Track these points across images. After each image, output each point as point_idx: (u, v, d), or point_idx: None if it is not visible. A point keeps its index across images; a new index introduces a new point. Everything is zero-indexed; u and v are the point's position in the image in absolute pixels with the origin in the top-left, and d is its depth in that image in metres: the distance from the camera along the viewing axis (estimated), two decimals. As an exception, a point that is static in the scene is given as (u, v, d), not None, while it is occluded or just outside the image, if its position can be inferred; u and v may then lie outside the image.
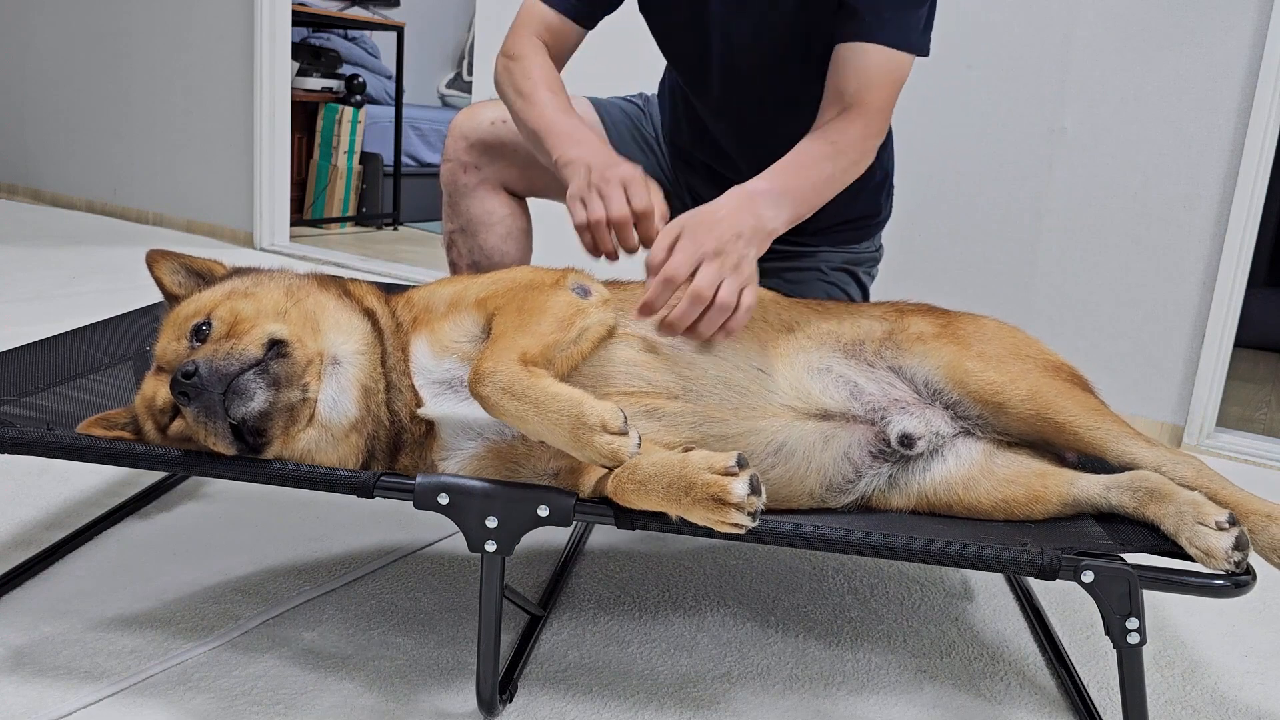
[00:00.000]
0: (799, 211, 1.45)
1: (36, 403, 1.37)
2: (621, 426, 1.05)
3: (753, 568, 1.65)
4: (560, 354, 1.18)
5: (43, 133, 5.14)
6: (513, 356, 1.11)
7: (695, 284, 1.27)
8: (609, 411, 1.05)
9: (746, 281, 1.31)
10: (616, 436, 1.04)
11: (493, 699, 1.17)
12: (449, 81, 6.80)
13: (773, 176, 1.44)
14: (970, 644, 1.47)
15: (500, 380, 1.08)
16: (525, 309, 1.19)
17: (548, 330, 1.17)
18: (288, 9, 4.32)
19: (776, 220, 1.40)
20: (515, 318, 1.18)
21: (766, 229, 1.38)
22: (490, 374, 1.09)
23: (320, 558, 1.56)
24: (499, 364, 1.10)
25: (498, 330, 1.18)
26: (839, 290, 1.87)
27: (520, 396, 1.07)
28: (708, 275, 1.27)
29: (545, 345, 1.15)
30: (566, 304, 1.22)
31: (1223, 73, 2.46)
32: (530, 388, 1.07)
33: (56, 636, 1.29)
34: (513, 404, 1.08)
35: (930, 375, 1.33)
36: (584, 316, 1.22)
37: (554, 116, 1.52)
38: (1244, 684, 1.43)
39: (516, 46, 1.64)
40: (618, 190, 1.36)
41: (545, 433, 1.08)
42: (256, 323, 1.16)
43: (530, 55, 1.61)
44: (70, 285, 3.36)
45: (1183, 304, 2.58)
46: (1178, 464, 1.26)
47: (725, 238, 1.31)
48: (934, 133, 2.77)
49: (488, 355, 1.12)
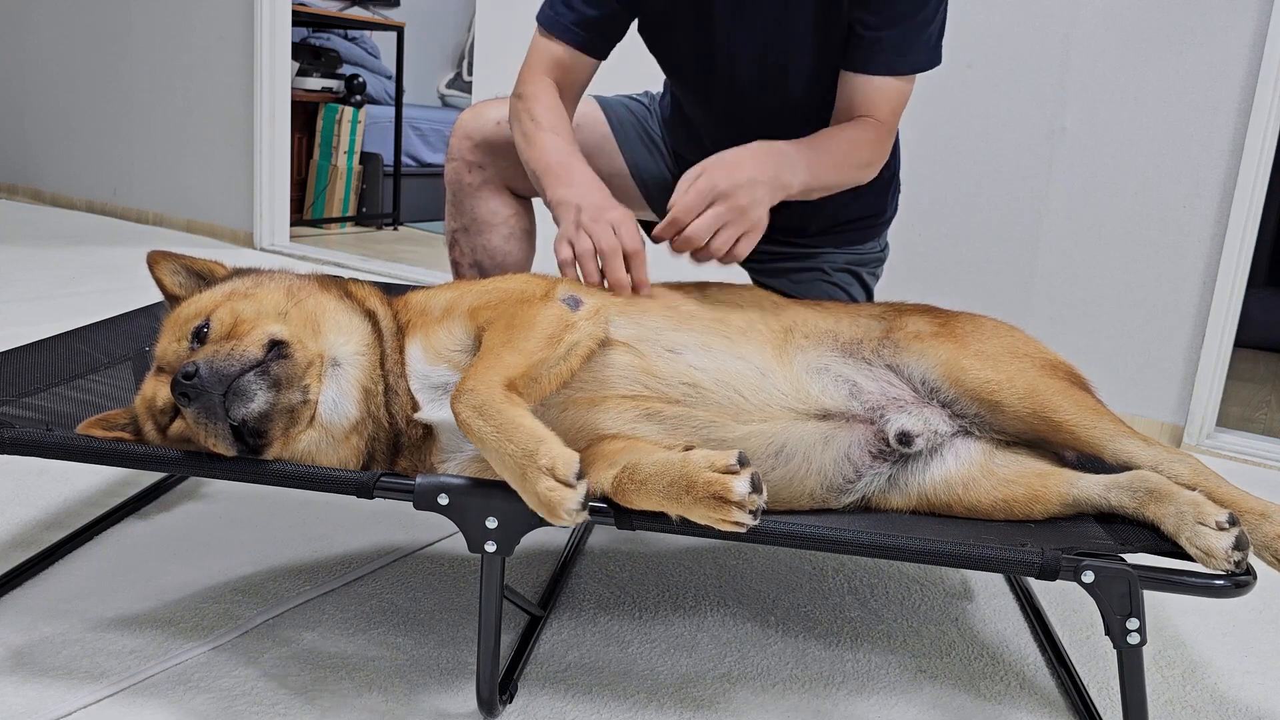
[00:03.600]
0: (813, 182, 1.50)
1: (36, 403, 1.37)
2: (568, 477, 1.00)
3: (753, 568, 1.65)
4: (548, 371, 1.16)
5: (43, 132, 5.14)
6: (495, 378, 1.10)
7: (691, 228, 1.36)
8: (563, 459, 1.01)
9: (750, 226, 1.38)
10: (561, 485, 1.00)
11: (493, 699, 1.17)
12: (449, 81, 6.81)
13: (797, 143, 1.50)
14: (970, 644, 1.47)
15: (475, 399, 1.07)
16: (514, 324, 1.18)
17: (535, 348, 1.15)
18: (288, 9, 4.32)
19: (794, 178, 1.46)
20: (504, 333, 1.17)
21: (784, 181, 1.44)
22: (469, 392, 1.08)
23: (320, 558, 1.56)
24: (479, 384, 1.09)
25: (486, 345, 1.17)
26: (842, 291, 1.86)
27: (488, 418, 1.06)
28: (708, 219, 1.36)
29: (531, 364, 1.13)
30: (555, 319, 1.20)
31: (1223, 73, 2.46)
32: (499, 411, 1.06)
33: (56, 636, 1.29)
34: (479, 423, 1.06)
35: (927, 373, 1.33)
36: (573, 331, 1.20)
37: (552, 157, 1.52)
38: (1244, 684, 1.43)
39: (525, 85, 1.64)
40: (606, 228, 1.37)
41: (496, 459, 1.06)
42: (257, 324, 1.16)
43: (538, 95, 1.61)
44: (70, 285, 3.36)
45: (1183, 304, 2.58)
46: (1174, 462, 1.26)
47: (740, 180, 1.37)
48: (934, 132, 2.77)
49: (471, 373, 1.11)
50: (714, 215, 1.36)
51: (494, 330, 1.19)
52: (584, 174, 1.49)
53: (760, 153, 1.43)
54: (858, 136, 1.57)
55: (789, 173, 1.44)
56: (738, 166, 1.39)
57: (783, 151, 1.45)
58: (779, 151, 1.45)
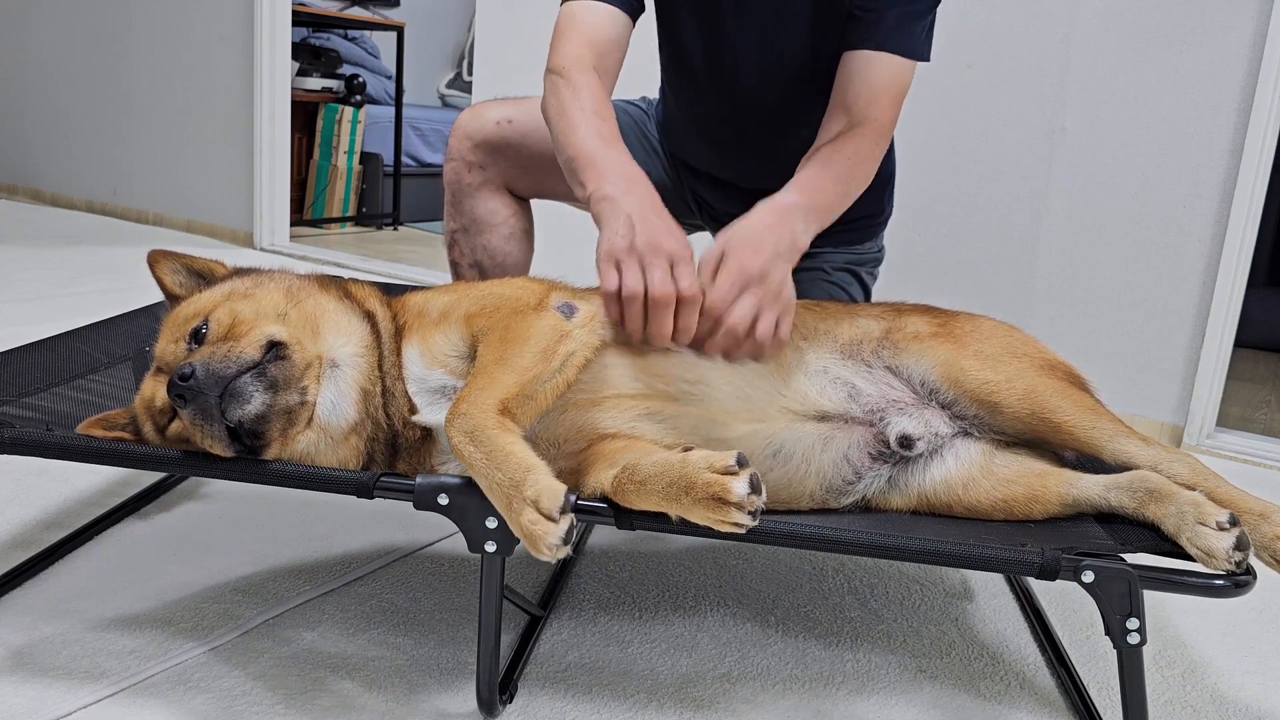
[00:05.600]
0: (823, 225, 1.46)
1: (36, 403, 1.37)
2: (552, 511, 0.99)
3: (753, 568, 1.65)
4: (542, 387, 1.15)
5: (43, 132, 5.14)
6: (488, 400, 1.09)
7: (731, 319, 1.25)
8: (548, 492, 1.00)
9: (787, 308, 1.30)
10: (544, 519, 0.99)
11: (493, 699, 1.17)
12: (449, 81, 6.81)
13: (800, 190, 1.42)
14: (970, 644, 1.47)
15: (467, 424, 1.07)
16: (507, 338, 1.17)
17: (529, 363, 1.14)
18: (288, 9, 4.32)
19: (806, 235, 1.40)
20: (497, 348, 1.16)
21: (800, 245, 1.38)
22: (461, 416, 1.08)
23: (320, 558, 1.56)
24: (473, 407, 1.08)
25: (480, 360, 1.17)
26: (841, 291, 1.86)
27: (478, 444, 1.05)
28: (745, 307, 1.26)
29: (525, 382, 1.13)
30: (549, 330, 1.19)
31: (1223, 73, 2.46)
32: (489, 439, 1.05)
33: (56, 636, 1.29)
34: (469, 449, 1.06)
35: (926, 374, 1.33)
36: (567, 342, 1.19)
37: (596, 147, 1.38)
38: (1244, 684, 1.43)
39: (563, 60, 1.50)
40: (664, 265, 1.23)
41: (484, 486, 1.05)
42: (255, 324, 1.16)
43: (581, 75, 1.47)
44: (70, 285, 3.36)
45: (1183, 304, 2.58)
46: (1173, 462, 1.26)
47: (767, 258, 1.29)
48: (934, 132, 2.77)
49: (465, 394, 1.11)
50: (750, 303, 1.26)
51: (488, 344, 1.18)
52: (633, 172, 1.35)
53: (773, 221, 1.34)
54: (858, 150, 1.51)
55: (802, 233, 1.38)
56: (760, 245, 1.30)
57: (792, 210, 1.38)
58: (789, 211, 1.37)
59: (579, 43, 1.52)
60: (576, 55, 1.50)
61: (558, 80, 1.48)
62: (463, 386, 1.15)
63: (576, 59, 1.49)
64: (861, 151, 1.52)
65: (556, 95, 1.47)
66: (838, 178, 1.48)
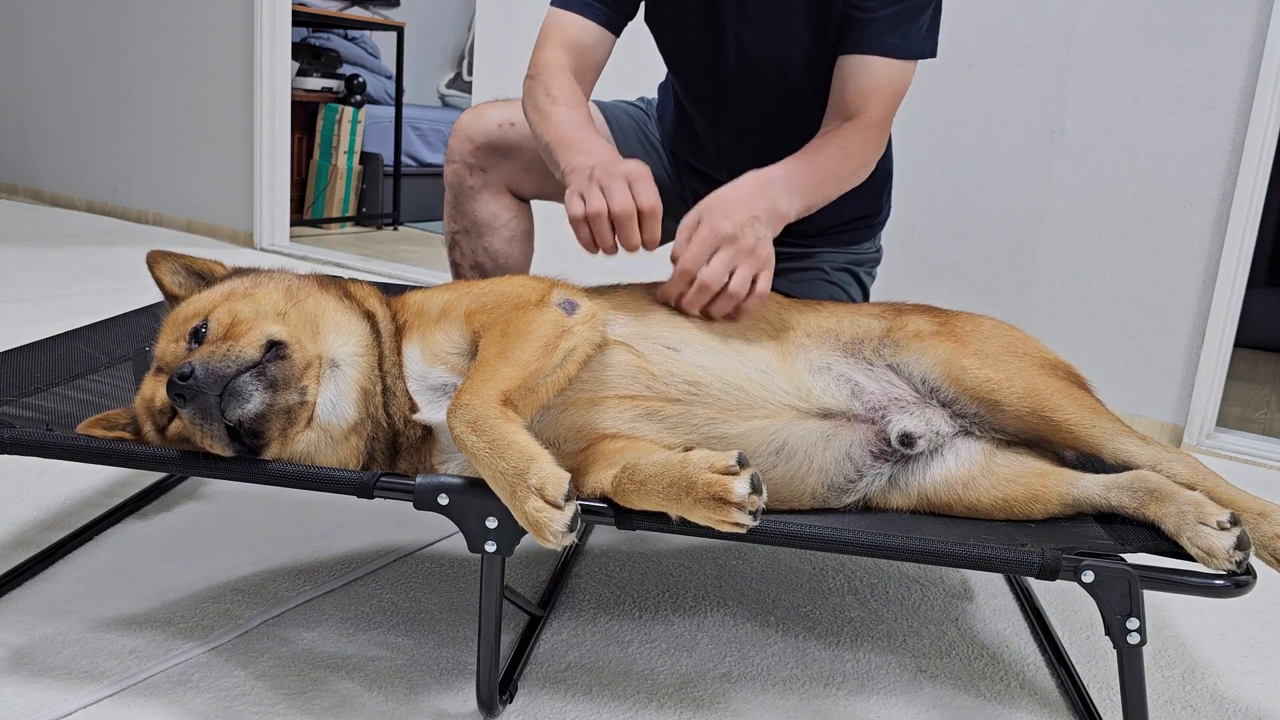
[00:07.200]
0: (809, 203, 1.48)
1: (36, 403, 1.37)
2: (556, 499, 0.99)
3: (753, 568, 1.65)
4: (544, 381, 1.15)
5: (43, 132, 5.14)
6: (491, 392, 1.09)
7: (703, 274, 1.31)
8: (553, 480, 1.00)
9: (762, 265, 1.34)
10: (548, 506, 0.99)
11: (493, 699, 1.17)
12: (449, 81, 6.80)
13: (787, 166, 1.47)
14: (970, 644, 1.47)
15: (470, 414, 1.07)
16: (509, 332, 1.17)
17: (531, 358, 1.14)
18: (288, 9, 4.31)
19: (790, 206, 1.44)
20: (499, 342, 1.16)
21: (780, 211, 1.41)
22: (464, 407, 1.08)
23: (320, 558, 1.56)
24: (475, 398, 1.08)
25: (482, 355, 1.17)
26: (841, 291, 1.87)
27: (481, 434, 1.05)
28: (719, 264, 1.31)
29: (527, 375, 1.13)
30: (551, 325, 1.19)
31: (1223, 73, 2.46)
32: (492, 428, 1.05)
33: (56, 636, 1.29)
34: (472, 439, 1.06)
35: (927, 372, 1.34)
36: (569, 338, 1.20)
37: (567, 130, 1.47)
38: (1244, 684, 1.43)
39: (540, 64, 1.60)
40: (621, 184, 1.32)
41: (488, 475, 1.05)
42: (255, 324, 1.16)
43: (553, 72, 1.57)
44: (70, 285, 3.36)
45: (1183, 304, 2.58)
46: (1173, 462, 1.26)
47: (741, 220, 1.34)
48: (934, 133, 2.77)
49: (468, 386, 1.11)
50: (723, 259, 1.32)
51: (489, 338, 1.18)
52: (598, 142, 1.45)
53: (753, 188, 1.39)
54: (849, 141, 1.54)
55: (784, 202, 1.41)
56: (735, 207, 1.35)
57: (774, 180, 1.42)
58: (771, 181, 1.42)
59: (557, 48, 1.62)
60: (554, 59, 1.60)
61: (534, 83, 1.59)
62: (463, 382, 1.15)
63: (554, 62, 1.60)
64: (853, 142, 1.54)
65: (533, 96, 1.57)
66: (828, 160, 1.51)
